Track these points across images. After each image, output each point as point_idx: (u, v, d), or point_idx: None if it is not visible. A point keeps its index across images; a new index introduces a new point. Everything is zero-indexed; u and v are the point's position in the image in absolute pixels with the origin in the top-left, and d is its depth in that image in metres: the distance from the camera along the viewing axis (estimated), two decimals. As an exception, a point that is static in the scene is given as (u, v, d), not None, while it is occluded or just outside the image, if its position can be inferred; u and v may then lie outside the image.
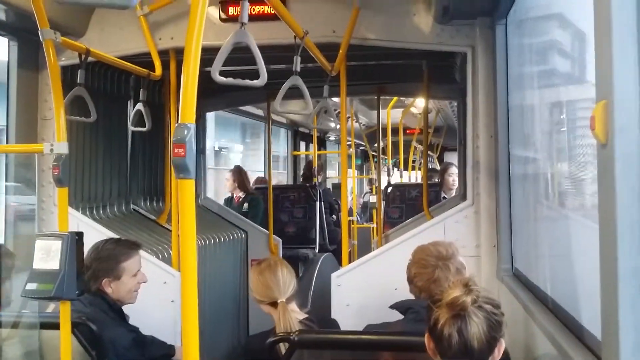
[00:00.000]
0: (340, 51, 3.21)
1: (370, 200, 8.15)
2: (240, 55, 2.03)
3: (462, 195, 4.70)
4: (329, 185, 9.78)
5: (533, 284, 2.50)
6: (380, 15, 3.28)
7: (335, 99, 5.57)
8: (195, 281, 1.44)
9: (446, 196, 5.85)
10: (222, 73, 1.96)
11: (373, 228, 7.67)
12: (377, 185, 5.78)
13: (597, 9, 1.38)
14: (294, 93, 2.76)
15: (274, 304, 2.59)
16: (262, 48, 2.05)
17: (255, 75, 2.08)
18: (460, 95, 4.57)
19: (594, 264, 1.46)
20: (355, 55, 3.61)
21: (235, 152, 11.84)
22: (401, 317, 2.48)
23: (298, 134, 9.78)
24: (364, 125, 9.95)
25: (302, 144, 10.20)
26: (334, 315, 3.20)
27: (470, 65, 3.19)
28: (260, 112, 8.04)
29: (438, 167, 11.16)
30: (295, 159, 9.68)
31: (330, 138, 11.63)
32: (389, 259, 3.20)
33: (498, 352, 1.66)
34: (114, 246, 2.74)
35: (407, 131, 9.02)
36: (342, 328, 2.99)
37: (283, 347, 2.32)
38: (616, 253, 1.28)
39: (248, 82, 2.02)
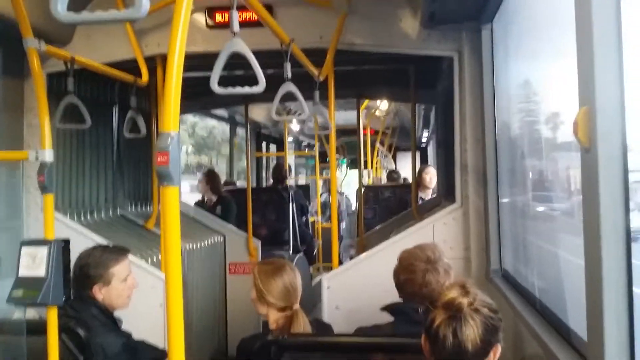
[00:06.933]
0: (328, 56, 3.21)
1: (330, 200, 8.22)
2: (228, 61, 2.04)
3: (443, 195, 4.72)
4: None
5: (521, 286, 2.52)
6: (367, 21, 3.29)
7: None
8: (181, 287, 1.44)
9: (422, 196, 5.93)
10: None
11: None
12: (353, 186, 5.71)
13: (578, 16, 1.40)
14: (267, 97, 2.74)
15: (284, 309, 2.53)
16: None
17: (236, 79, 2.08)
18: (442, 99, 4.59)
19: (580, 266, 1.48)
20: (341, 60, 3.63)
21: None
22: (391, 319, 2.49)
23: (260, 136, 9.52)
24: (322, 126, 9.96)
25: (264, 145, 9.99)
26: (324, 317, 3.20)
27: (457, 69, 3.21)
28: (222, 114, 8.02)
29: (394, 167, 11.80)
30: (259, 161, 9.45)
31: (289, 140, 11.70)
32: (379, 261, 3.21)
33: (493, 356, 1.65)
34: (101, 252, 2.74)
35: (364, 131, 9.18)
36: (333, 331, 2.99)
37: None
38: (600, 254, 1.30)
39: (248, 89, 2.03)
